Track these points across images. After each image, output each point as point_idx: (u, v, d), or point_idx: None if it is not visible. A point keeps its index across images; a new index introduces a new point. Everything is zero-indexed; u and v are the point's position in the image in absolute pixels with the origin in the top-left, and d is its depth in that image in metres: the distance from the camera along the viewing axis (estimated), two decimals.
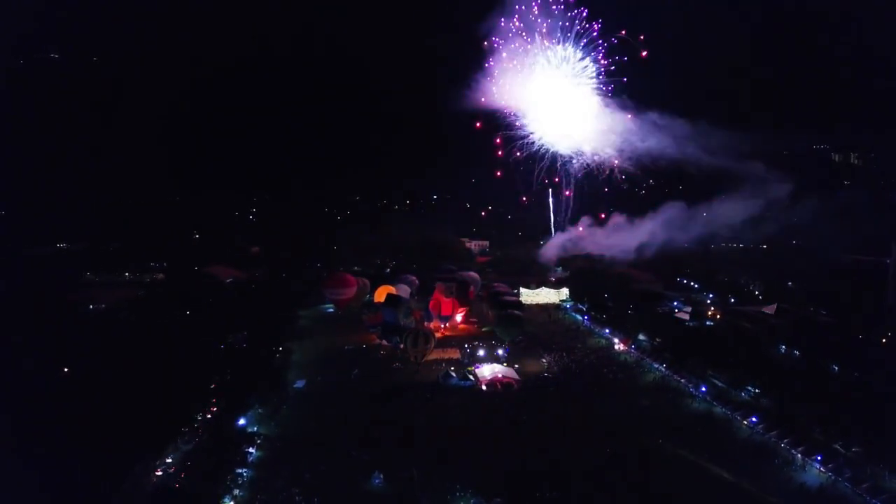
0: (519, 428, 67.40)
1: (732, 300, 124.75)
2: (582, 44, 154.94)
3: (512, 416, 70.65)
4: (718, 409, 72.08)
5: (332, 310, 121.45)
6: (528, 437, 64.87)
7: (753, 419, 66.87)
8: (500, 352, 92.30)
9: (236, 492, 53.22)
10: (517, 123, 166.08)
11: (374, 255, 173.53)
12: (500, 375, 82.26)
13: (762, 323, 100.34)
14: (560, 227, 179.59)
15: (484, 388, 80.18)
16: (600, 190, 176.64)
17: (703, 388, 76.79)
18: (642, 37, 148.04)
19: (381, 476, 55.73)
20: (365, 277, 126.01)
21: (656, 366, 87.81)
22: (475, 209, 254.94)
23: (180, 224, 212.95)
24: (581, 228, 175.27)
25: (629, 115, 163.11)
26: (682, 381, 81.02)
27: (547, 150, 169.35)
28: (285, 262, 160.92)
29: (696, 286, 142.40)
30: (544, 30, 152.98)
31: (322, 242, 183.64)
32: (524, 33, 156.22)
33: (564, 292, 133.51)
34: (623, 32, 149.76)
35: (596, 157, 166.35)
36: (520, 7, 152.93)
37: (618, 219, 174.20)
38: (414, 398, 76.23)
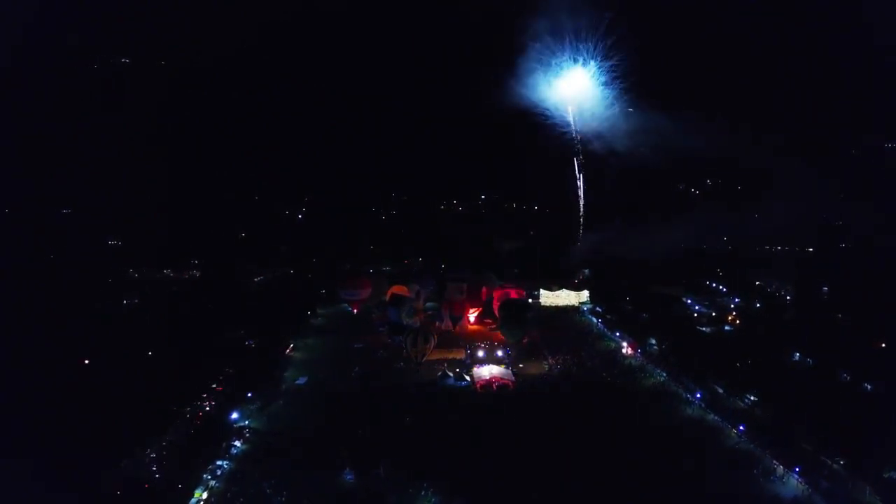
0: (499, 429, 67.55)
1: (758, 305, 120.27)
2: (611, 41, 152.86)
3: (499, 417, 70.85)
4: (711, 417, 70.39)
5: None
6: (512, 438, 64.90)
7: (741, 428, 65.08)
8: (500, 353, 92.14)
9: (213, 483, 55.88)
10: (549, 123, 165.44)
11: (404, 254, 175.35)
12: (496, 377, 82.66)
13: (779, 328, 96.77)
14: (591, 228, 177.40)
15: (479, 389, 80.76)
16: (634, 190, 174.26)
17: (699, 395, 74.99)
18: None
19: (353, 473, 57.36)
20: (388, 278, 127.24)
21: (658, 371, 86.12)
22: (516, 210, 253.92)
23: (228, 223, 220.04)
24: (612, 229, 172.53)
25: (665, 114, 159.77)
26: (681, 387, 79.26)
27: (581, 150, 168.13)
28: (314, 261, 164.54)
29: (723, 290, 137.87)
30: (571, 28, 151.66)
31: (359, 242, 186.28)
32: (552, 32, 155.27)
33: (585, 294, 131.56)
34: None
35: (631, 157, 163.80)
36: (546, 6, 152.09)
37: (650, 219, 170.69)
38: (406, 397, 77.23)
